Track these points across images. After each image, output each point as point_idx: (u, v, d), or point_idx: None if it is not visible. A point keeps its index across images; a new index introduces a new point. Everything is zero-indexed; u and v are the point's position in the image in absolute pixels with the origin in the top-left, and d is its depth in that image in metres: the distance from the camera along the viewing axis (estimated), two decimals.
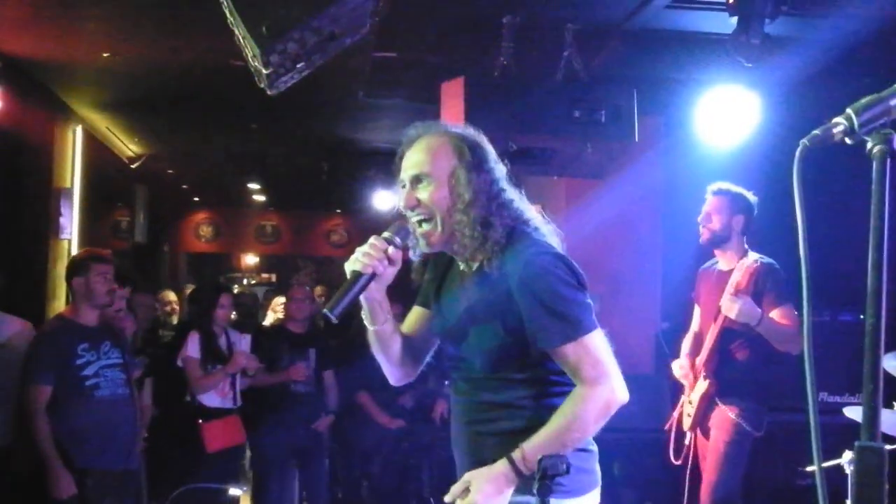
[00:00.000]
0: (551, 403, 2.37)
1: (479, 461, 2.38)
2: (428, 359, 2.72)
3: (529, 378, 2.41)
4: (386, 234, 2.42)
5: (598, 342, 2.33)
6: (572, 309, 2.31)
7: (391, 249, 2.39)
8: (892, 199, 1.41)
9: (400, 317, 2.71)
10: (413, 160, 2.46)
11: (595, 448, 2.50)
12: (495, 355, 2.40)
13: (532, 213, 2.51)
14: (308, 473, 6.34)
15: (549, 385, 2.40)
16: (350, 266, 2.39)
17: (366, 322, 2.54)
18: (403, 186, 2.47)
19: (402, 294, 2.79)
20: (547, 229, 2.50)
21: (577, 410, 2.30)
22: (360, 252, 2.39)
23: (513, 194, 2.49)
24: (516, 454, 2.28)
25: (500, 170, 2.50)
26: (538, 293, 2.31)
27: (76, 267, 4.84)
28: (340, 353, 6.52)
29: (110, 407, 4.70)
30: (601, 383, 2.30)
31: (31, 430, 4.52)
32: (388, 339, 2.57)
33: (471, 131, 2.54)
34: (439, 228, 2.43)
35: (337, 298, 2.38)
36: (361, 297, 2.44)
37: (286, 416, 6.03)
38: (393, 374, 2.67)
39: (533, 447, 2.27)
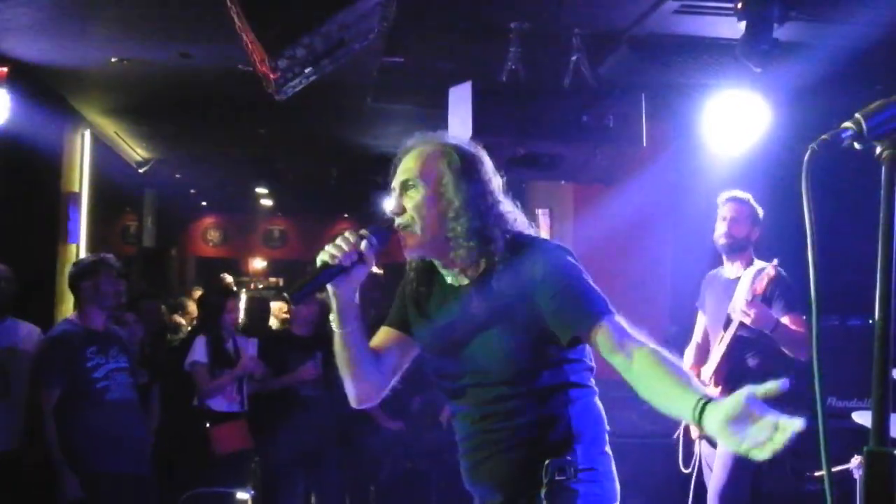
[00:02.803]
0: (581, 407, 2.34)
1: (513, 486, 2.31)
2: (393, 383, 2.58)
3: (551, 385, 2.33)
4: (363, 231, 2.38)
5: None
6: (598, 293, 2.27)
7: (364, 245, 2.31)
8: None
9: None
10: (404, 166, 2.46)
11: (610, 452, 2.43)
12: (513, 355, 2.31)
13: (527, 226, 2.47)
14: (315, 478, 6.32)
15: (572, 387, 2.35)
16: (319, 256, 2.33)
17: (333, 325, 2.41)
18: (394, 192, 2.47)
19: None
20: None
21: (671, 359, 2.13)
22: (331, 244, 2.33)
23: (508, 207, 2.45)
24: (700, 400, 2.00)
25: (495, 182, 2.45)
26: (570, 282, 2.26)
27: (84, 270, 4.85)
28: None
29: (120, 410, 4.71)
30: (650, 341, 2.18)
31: (42, 434, 4.53)
32: (355, 346, 2.43)
33: (468, 142, 2.51)
34: (419, 233, 2.38)
35: (299, 284, 2.33)
36: (331, 295, 2.36)
37: (294, 420, 6.02)
38: (353, 391, 2.49)
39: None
